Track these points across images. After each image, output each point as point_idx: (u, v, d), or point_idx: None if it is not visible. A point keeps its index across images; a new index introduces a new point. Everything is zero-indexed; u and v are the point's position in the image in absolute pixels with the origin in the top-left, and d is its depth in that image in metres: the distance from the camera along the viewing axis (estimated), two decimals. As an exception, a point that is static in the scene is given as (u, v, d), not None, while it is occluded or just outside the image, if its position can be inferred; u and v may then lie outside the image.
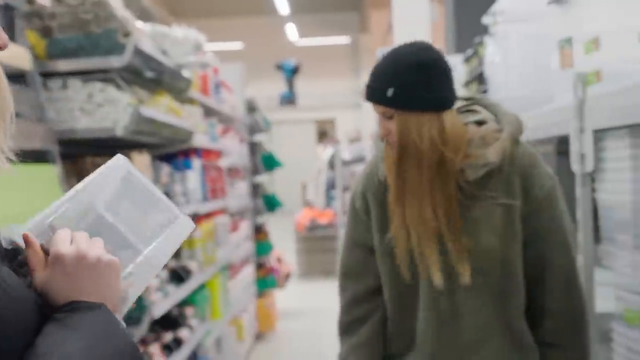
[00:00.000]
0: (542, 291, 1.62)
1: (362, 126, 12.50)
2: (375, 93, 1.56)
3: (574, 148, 1.87)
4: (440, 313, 1.59)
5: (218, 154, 4.53)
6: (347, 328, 1.74)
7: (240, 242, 5.07)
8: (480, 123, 1.60)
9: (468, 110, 1.63)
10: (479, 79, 3.00)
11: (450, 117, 1.55)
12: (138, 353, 0.84)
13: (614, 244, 1.74)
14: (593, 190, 1.85)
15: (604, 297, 1.88)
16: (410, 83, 1.52)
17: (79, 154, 2.77)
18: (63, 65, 2.59)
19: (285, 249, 7.52)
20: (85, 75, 2.59)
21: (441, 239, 1.56)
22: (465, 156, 1.55)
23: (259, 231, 5.89)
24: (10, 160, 0.87)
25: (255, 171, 5.86)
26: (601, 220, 1.82)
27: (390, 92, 1.53)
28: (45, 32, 2.64)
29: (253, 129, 5.88)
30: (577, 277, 1.63)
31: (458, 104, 1.62)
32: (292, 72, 15.06)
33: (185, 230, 1.00)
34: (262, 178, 6.10)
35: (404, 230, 1.58)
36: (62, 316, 0.81)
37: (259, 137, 6.09)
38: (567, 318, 1.61)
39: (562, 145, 2.82)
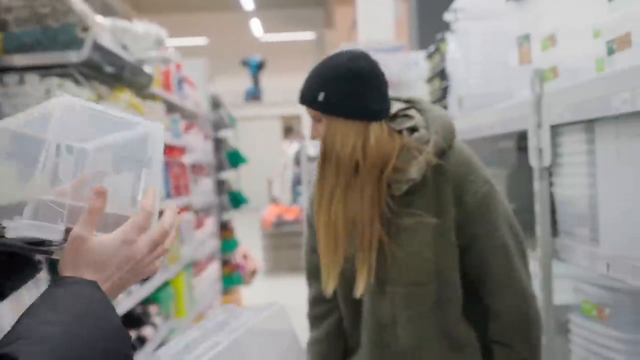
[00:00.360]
0: (485, 293, 1.64)
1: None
2: (306, 96, 1.59)
3: (531, 143, 1.90)
4: (381, 318, 1.63)
5: (181, 150, 4.49)
6: (311, 322, 1.82)
7: (205, 239, 5.04)
8: (413, 130, 1.61)
9: (405, 115, 1.63)
10: (441, 75, 3.03)
11: (377, 129, 1.56)
12: (124, 334, 0.81)
13: (571, 237, 1.77)
14: (551, 184, 1.88)
15: (562, 289, 1.92)
16: (341, 90, 1.54)
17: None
18: (19, 60, 2.53)
19: (251, 246, 7.49)
20: (43, 70, 2.54)
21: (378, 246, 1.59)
22: (394, 169, 1.57)
23: (224, 228, 5.85)
24: None
25: (220, 167, 5.82)
26: (559, 214, 1.86)
27: (321, 96, 1.55)
28: (1, 26, 2.57)
29: (218, 125, 5.84)
30: (519, 278, 1.62)
31: (397, 106, 1.63)
32: (257, 68, 14.99)
33: (159, 136, 0.94)
34: (228, 174, 6.07)
35: (325, 235, 1.61)
36: (49, 291, 0.80)
37: (223, 133, 6.05)
38: (511, 318, 1.62)
39: (522, 140, 2.87)
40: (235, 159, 6.16)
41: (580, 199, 1.71)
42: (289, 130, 16.57)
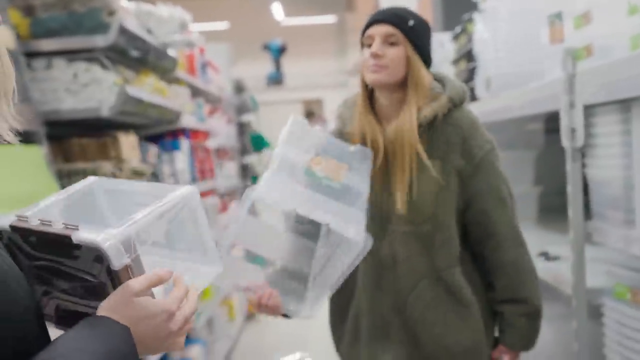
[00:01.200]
0: (493, 247, 1.71)
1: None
2: (392, 16, 1.68)
3: (564, 123, 1.86)
4: (381, 259, 1.71)
5: (206, 134, 4.49)
6: None
7: (229, 223, 5.05)
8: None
9: None
10: (468, 56, 2.98)
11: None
12: None
13: (604, 220, 1.74)
14: (583, 165, 1.85)
15: (594, 272, 1.89)
16: (425, 30, 1.71)
17: (65, 135, 2.73)
18: (47, 44, 2.54)
19: (274, 230, 7.49)
20: (70, 54, 2.55)
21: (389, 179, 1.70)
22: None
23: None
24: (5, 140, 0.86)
25: (243, 151, 5.83)
26: (592, 196, 1.82)
27: (411, 22, 1.67)
28: (29, 11, 2.59)
29: (241, 109, 5.84)
30: (519, 231, 1.74)
31: None
32: (278, 52, 14.94)
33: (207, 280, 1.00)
34: (251, 158, 6.07)
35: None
36: (90, 323, 0.83)
37: (246, 118, 6.05)
38: (518, 271, 1.71)
39: (550, 122, 2.82)
40: (258, 143, 6.16)
41: (614, 181, 1.67)
42: (311, 114, 16.54)
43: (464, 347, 1.72)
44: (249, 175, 5.96)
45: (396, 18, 1.68)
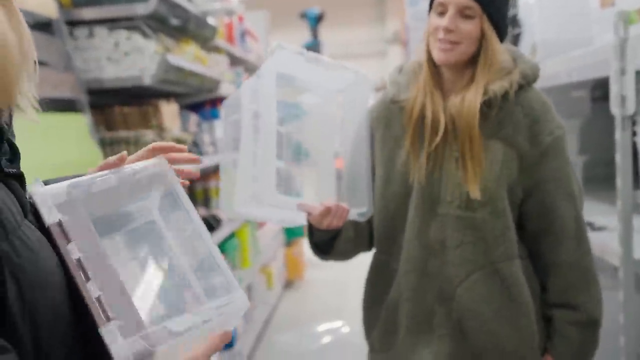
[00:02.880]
0: (552, 244, 1.56)
1: (388, 75, 12.32)
2: None
3: (614, 90, 1.80)
4: (428, 242, 1.56)
5: (245, 103, 4.49)
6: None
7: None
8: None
9: None
10: (513, 21, 2.90)
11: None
12: None
13: (654, 189, 1.70)
14: (633, 134, 1.79)
15: (642, 243, 1.85)
16: (504, 5, 1.56)
17: (107, 104, 2.76)
18: (88, 13, 2.56)
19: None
20: (111, 23, 2.56)
21: (447, 165, 1.55)
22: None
23: (286, 181, 5.89)
24: (37, 109, 0.85)
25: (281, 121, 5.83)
26: (641, 165, 1.77)
27: None
28: (70, -20, 2.60)
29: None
30: (584, 231, 1.57)
31: None
32: (316, 21, 14.81)
33: (240, 310, 0.94)
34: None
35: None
36: None
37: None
38: (577, 273, 1.56)
39: (595, 90, 2.75)
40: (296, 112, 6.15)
41: (666, 149, 1.62)
42: (349, 83, 16.41)
43: (515, 348, 1.56)
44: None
45: None
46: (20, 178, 0.85)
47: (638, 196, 1.77)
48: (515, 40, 2.84)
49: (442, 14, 1.52)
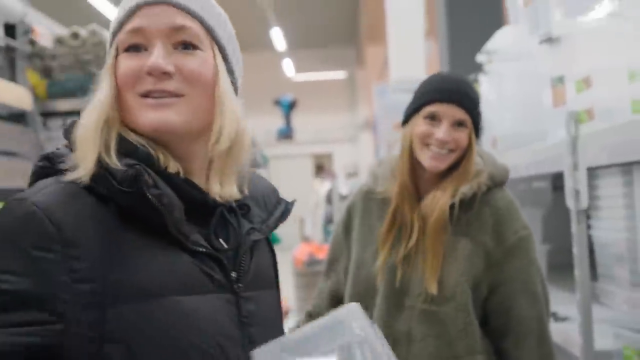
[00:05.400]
0: (513, 343, 1.59)
1: (359, 160, 12.54)
2: (465, 97, 1.58)
3: (568, 185, 1.88)
4: (395, 333, 1.58)
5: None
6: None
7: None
8: None
9: None
10: (474, 115, 3.04)
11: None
12: None
13: (611, 281, 1.75)
14: (589, 227, 1.86)
15: (603, 334, 1.88)
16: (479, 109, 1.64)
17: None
18: (63, 105, 2.62)
19: (283, 285, 7.45)
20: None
21: (415, 259, 1.60)
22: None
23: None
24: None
25: (253, 207, 5.86)
26: (597, 256, 1.83)
27: (479, 107, 1.61)
28: (46, 73, 2.67)
29: (251, 164, 5.90)
30: (548, 331, 1.61)
31: None
32: (289, 107, 15.19)
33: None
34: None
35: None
36: None
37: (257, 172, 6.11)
38: None
39: (557, 180, 2.85)
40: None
41: (619, 242, 1.69)
42: (320, 168, 16.64)
43: None
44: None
45: (469, 101, 1.58)
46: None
47: (596, 287, 1.82)
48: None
49: (432, 120, 1.58)
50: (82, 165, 0.87)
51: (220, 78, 0.94)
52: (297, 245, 9.42)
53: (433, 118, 1.58)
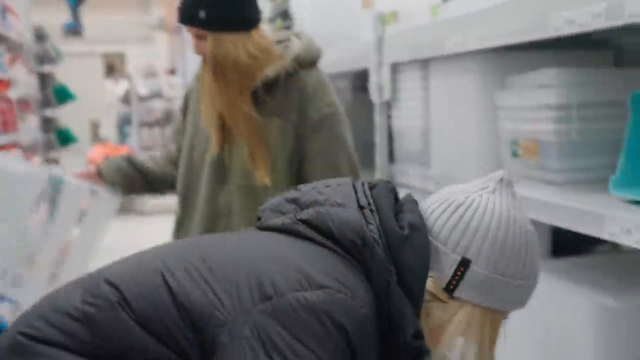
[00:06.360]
0: None
1: (155, 61, 12.13)
2: (186, 15, 1.63)
3: (373, 80, 2.12)
4: (218, 207, 1.72)
5: (7, 84, 4.22)
6: None
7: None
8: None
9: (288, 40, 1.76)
10: (284, 15, 3.16)
11: (259, 34, 1.69)
12: None
13: (406, 163, 2.04)
14: (389, 117, 2.12)
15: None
16: (221, 5, 1.62)
17: None
18: None
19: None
20: None
21: (237, 141, 1.70)
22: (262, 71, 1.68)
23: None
24: None
25: (46, 104, 5.53)
26: (396, 143, 2.11)
27: (202, 14, 1.61)
28: None
29: (42, 58, 5.51)
30: None
31: (284, 34, 1.77)
32: (76, 2, 14.00)
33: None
34: (55, 112, 5.78)
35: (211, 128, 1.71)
36: None
37: (49, 68, 5.72)
38: None
39: (356, 80, 3.11)
40: (62, 96, 5.87)
41: (415, 129, 1.96)
42: (111, 68, 15.81)
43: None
44: (52, 128, 5.68)
45: (188, 17, 1.63)
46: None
47: (393, 169, 2.10)
48: (287, 32, 3.10)
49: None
50: None
51: None
52: (90, 148, 9.04)
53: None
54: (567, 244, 1.94)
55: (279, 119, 1.70)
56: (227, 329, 0.87)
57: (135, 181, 1.90)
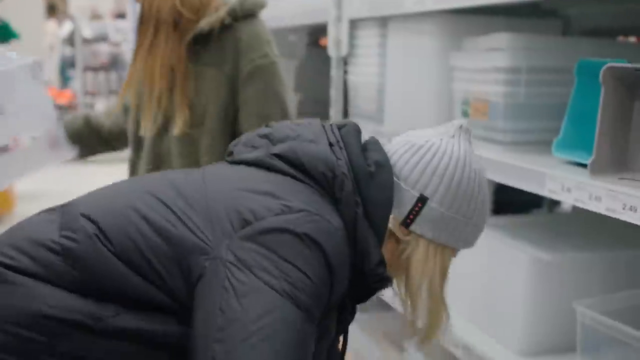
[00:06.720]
0: None
1: (98, 4, 11.72)
2: None
3: (331, 34, 2.15)
4: (160, 154, 1.78)
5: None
6: None
7: None
8: None
9: None
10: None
11: None
12: None
13: (360, 118, 2.09)
14: (345, 72, 2.17)
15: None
16: None
17: None
18: None
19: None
20: None
21: (168, 94, 1.73)
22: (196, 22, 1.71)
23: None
24: None
25: (-14, 42, 5.30)
26: (350, 98, 2.16)
27: None
28: None
29: (-18, -5, 5.26)
30: None
31: None
32: None
33: None
34: (-6, 50, 5.55)
35: (135, 83, 1.74)
36: None
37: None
38: None
39: (311, 36, 3.13)
40: (4, 34, 5.63)
41: (370, 86, 2.01)
42: (52, 9, 15.19)
43: None
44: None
45: None
46: None
47: (346, 124, 2.15)
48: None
49: None
50: None
51: None
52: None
53: None
54: (508, 205, 2.07)
55: (214, 70, 1.73)
56: (212, 256, 0.91)
57: (93, 143, 1.94)
